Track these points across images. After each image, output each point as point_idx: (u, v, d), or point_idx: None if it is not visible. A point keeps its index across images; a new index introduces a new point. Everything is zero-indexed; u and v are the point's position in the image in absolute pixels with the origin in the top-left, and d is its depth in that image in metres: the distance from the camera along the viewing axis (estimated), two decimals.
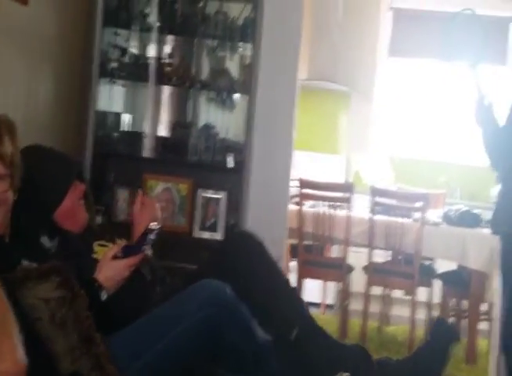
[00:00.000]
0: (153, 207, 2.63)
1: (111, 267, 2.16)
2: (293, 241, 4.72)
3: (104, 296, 2.13)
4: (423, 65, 6.57)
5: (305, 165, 5.60)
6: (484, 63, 3.25)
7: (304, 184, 4.57)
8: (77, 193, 2.41)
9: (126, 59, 3.92)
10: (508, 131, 3.00)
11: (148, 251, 2.29)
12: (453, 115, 6.55)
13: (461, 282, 4.69)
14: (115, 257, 2.18)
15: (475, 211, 4.72)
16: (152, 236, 2.19)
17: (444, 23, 3.18)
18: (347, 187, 4.70)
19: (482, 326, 4.76)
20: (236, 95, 4.03)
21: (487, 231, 4.61)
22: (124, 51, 3.93)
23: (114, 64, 3.89)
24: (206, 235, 3.82)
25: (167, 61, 3.95)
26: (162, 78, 3.92)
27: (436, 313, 4.95)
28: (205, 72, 4.05)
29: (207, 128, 3.96)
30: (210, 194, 3.85)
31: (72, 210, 2.39)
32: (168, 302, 2.19)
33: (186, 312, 2.09)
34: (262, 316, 2.25)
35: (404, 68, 6.59)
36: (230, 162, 3.88)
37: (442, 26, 3.19)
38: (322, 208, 4.60)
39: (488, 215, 4.85)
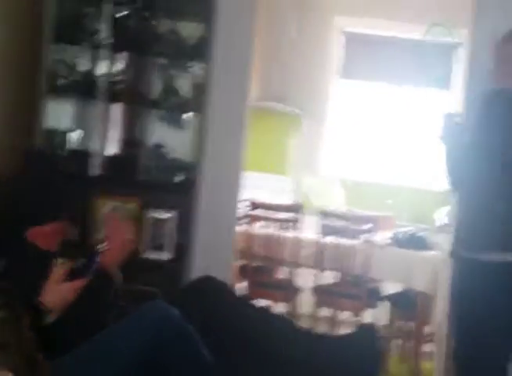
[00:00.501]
0: (123, 229, 2.56)
1: (56, 290, 2.13)
2: (244, 262, 4.70)
3: (49, 319, 2.08)
4: (374, 88, 6.67)
5: (255, 186, 5.59)
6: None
7: (254, 205, 4.57)
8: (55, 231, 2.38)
9: (76, 76, 3.87)
10: (473, 150, 2.98)
11: (119, 275, 2.26)
12: (403, 138, 6.66)
13: (407, 303, 4.73)
14: (62, 279, 2.13)
15: (421, 233, 4.78)
16: (98, 258, 2.15)
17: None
18: (296, 209, 4.72)
19: (427, 348, 4.80)
20: (187, 115, 4.01)
21: (433, 253, 4.68)
22: (73, 68, 3.89)
23: (63, 81, 3.84)
24: (154, 255, 3.77)
25: (117, 78, 3.92)
26: (112, 96, 3.88)
27: (383, 334, 4.99)
28: (156, 90, 4.02)
29: (157, 146, 3.93)
30: (159, 214, 3.80)
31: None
32: (116, 323, 2.15)
33: (132, 332, 2.06)
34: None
35: (355, 91, 6.68)
36: (180, 182, 3.86)
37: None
38: (272, 229, 4.59)
39: (433, 237, 4.94)
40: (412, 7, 6.04)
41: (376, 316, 4.94)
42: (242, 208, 4.33)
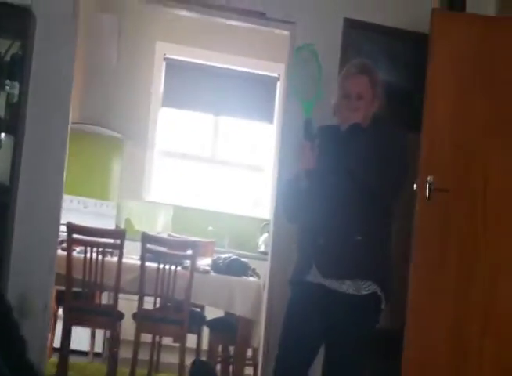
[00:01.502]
0: None
1: None
2: (61, 288, 4.57)
3: None
4: (194, 116, 6.78)
5: (76, 210, 5.48)
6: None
7: (72, 229, 4.47)
8: None
9: None
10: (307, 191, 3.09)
11: None
12: (227, 166, 6.80)
13: (228, 328, 4.81)
14: None
15: (242, 259, 4.88)
16: None
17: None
18: (118, 233, 4.67)
19: (248, 371, 4.89)
20: (2, 135, 3.87)
21: (253, 279, 4.79)
22: None
23: None
24: None
25: None
26: None
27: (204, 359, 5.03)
28: None
29: None
30: None
31: None
32: None
33: None
34: None
35: (176, 117, 6.75)
36: None
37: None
38: (92, 254, 4.51)
39: (254, 263, 5.07)
40: (235, 39, 6.21)
41: (199, 340, 4.99)
42: (61, 232, 4.21)
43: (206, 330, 5.06)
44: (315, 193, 3.05)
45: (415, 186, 3.72)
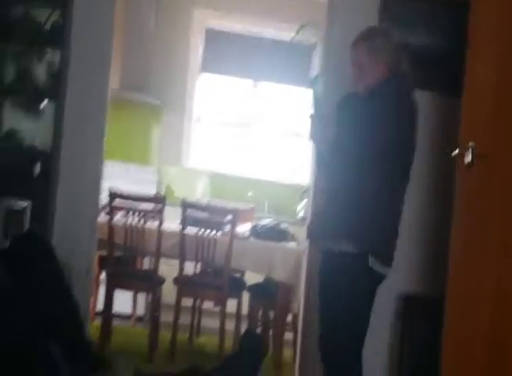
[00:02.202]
0: None
1: None
2: (103, 253, 4.65)
3: None
4: (232, 82, 6.75)
5: (117, 176, 5.54)
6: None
7: (114, 195, 4.52)
8: None
9: None
10: (333, 147, 3.12)
11: None
12: (266, 133, 6.79)
13: (267, 294, 4.84)
14: None
15: (282, 225, 4.89)
16: None
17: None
18: (158, 199, 4.71)
19: (288, 336, 4.93)
20: (44, 102, 3.91)
21: (292, 245, 4.80)
22: None
23: None
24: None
25: None
26: None
27: (245, 324, 5.08)
28: (10, 77, 3.91)
29: (12, 134, 3.82)
30: (14, 202, 3.70)
31: None
32: None
33: None
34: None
35: (214, 83, 6.74)
36: (36, 170, 3.77)
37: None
38: (133, 220, 4.56)
39: (293, 229, 5.08)
40: (273, 6, 6.16)
41: (239, 305, 5.03)
42: (102, 198, 4.27)
43: (246, 295, 5.10)
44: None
45: (456, 151, 3.67)
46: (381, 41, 3.18)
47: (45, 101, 3.89)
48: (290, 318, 4.96)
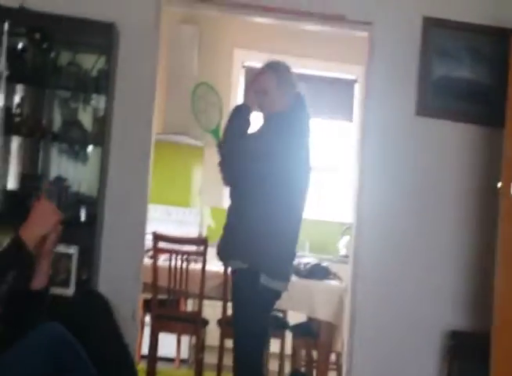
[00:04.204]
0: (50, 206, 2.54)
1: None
2: (147, 295, 4.65)
3: None
4: None
5: (159, 219, 5.57)
6: None
7: (158, 238, 4.54)
8: None
9: None
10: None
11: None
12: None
13: (310, 333, 4.79)
14: None
15: (323, 264, 4.87)
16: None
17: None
18: (201, 241, 4.71)
19: (332, 375, 4.88)
20: (89, 148, 3.97)
21: (335, 283, 4.77)
22: None
23: None
24: (57, 291, 3.67)
25: (16, 111, 3.83)
26: (11, 129, 3.80)
27: (288, 364, 5.04)
28: (57, 123, 3.97)
29: (59, 180, 3.87)
30: (61, 249, 3.73)
31: None
32: (12, 349, 2.11)
33: (32, 356, 2.05)
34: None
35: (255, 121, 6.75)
36: (82, 216, 3.81)
37: None
38: (177, 262, 4.57)
39: (335, 267, 5.05)
40: (310, 44, 6.21)
41: (282, 345, 4.99)
42: (146, 241, 4.28)
43: (289, 335, 5.06)
44: None
45: (499, 183, 3.66)
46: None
47: (90, 147, 3.94)
48: (333, 357, 4.91)
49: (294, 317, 5.08)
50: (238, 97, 6.60)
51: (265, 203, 3.26)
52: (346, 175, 6.49)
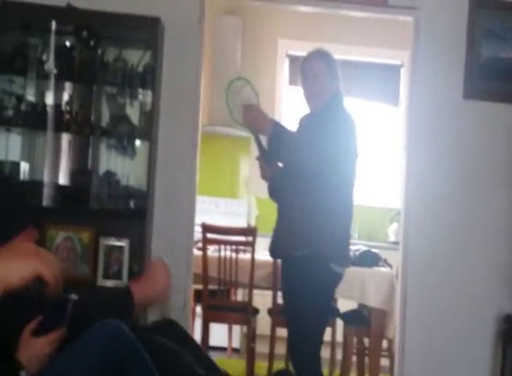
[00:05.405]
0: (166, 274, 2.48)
1: (31, 345, 1.95)
2: (198, 286, 4.70)
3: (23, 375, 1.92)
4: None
5: (207, 210, 5.60)
6: None
7: (206, 229, 4.57)
8: (29, 238, 2.24)
9: (23, 107, 3.85)
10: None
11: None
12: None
13: (361, 320, 4.79)
14: (35, 332, 1.95)
15: (373, 250, 4.85)
16: (70, 307, 1.97)
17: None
18: (250, 231, 4.73)
19: (384, 362, 4.86)
20: (137, 142, 4.01)
21: (385, 269, 4.75)
22: (20, 98, 3.87)
23: (10, 112, 3.82)
24: (110, 283, 3.75)
25: (65, 108, 3.91)
26: (61, 126, 3.87)
27: (339, 352, 5.04)
28: (105, 119, 4.02)
29: (109, 175, 3.93)
30: (112, 242, 3.80)
31: None
32: (70, 345, 2.11)
33: (88, 353, 2.04)
34: None
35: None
36: (132, 209, 3.86)
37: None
38: (226, 252, 4.60)
39: (385, 253, 5.03)
40: (354, 31, 6.17)
41: (333, 333, 4.99)
42: (195, 233, 4.33)
43: (340, 323, 5.06)
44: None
45: None
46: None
47: (138, 141, 3.99)
48: (385, 344, 4.89)
49: (344, 305, 5.08)
50: (283, 86, 6.60)
51: (326, 192, 3.27)
52: (394, 161, 6.43)
